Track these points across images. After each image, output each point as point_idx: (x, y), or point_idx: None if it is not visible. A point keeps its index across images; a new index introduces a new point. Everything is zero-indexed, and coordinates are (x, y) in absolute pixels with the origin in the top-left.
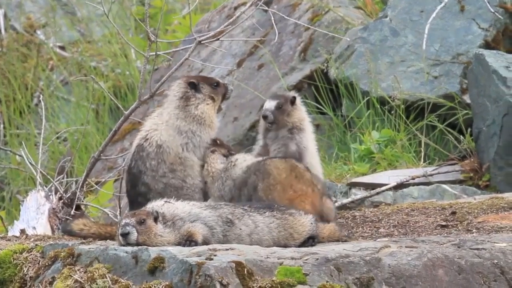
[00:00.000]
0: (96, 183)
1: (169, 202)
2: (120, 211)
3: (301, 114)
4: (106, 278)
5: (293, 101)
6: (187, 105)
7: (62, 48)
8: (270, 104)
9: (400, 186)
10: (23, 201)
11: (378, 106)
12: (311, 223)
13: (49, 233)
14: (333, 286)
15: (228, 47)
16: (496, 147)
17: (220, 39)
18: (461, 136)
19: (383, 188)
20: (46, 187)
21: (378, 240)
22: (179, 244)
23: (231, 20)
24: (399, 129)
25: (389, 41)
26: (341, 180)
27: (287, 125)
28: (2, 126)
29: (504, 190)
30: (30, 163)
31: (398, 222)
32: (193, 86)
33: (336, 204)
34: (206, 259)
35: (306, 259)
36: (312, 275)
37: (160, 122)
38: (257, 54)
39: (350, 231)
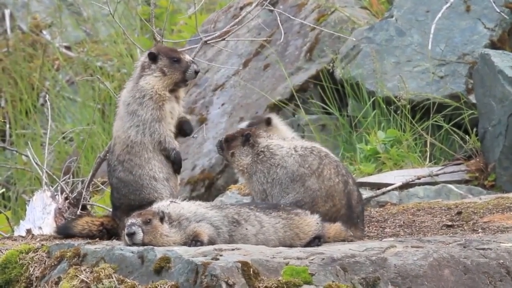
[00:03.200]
0: (102, 183)
1: (175, 202)
2: None
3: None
4: (112, 278)
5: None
6: (140, 77)
7: (68, 48)
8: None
9: (406, 186)
10: (29, 201)
11: (384, 106)
12: (317, 223)
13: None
14: (339, 286)
15: (234, 47)
16: (501, 147)
17: (226, 39)
18: (467, 136)
19: (389, 188)
20: (52, 187)
21: (384, 240)
22: (185, 244)
23: (237, 20)
24: (405, 129)
25: (395, 41)
26: None
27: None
28: (8, 126)
29: (509, 190)
30: (36, 163)
31: (404, 222)
32: (152, 56)
33: None
34: (212, 259)
35: (312, 259)
36: (318, 275)
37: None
38: (263, 54)
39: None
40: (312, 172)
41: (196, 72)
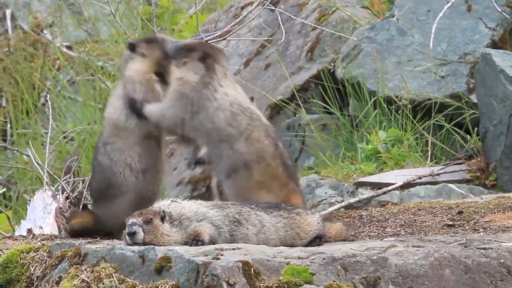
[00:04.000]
0: None
1: (176, 201)
2: None
3: None
4: (113, 277)
5: None
6: (125, 69)
7: (69, 47)
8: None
9: (407, 185)
10: (30, 200)
11: (385, 106)
12: (318, 223)
13: (56, 232)
14: (340, 286)
15: (235, 47)
16: (503, 146)
17: (227, 38)
18: (468, 136)
19: (390, 187)
20: (53, 186)
21: (385, 239)
22: (185, 243)
23: (238, 19)
24: (406, 128)
25: (396, 40)
26: (348, 180)
27: None
28: (9, 125)
29: (511, 189)
30: (37, 162)
31: (404, 222)
32: (131, 46)
33: (343, 204)
34: (213, 258)
35: (313, 259)
36: (319, 275)
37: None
38: (264, 53)
39: (356, 231)
40: (240, 134)
41: (175, 45)
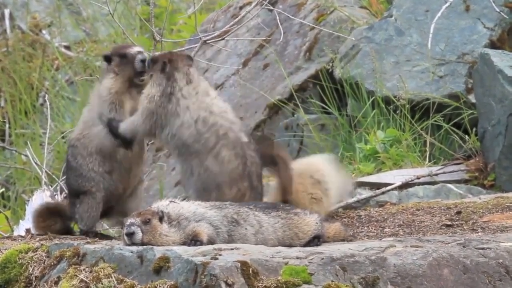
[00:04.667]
0: None
1: (174, 201)
2: None
3: None
4: (112, 277)
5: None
6: (101, 80)
7: (67, 47)
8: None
9: (405, 185)
10: (28, 200)
11: (383, 106)
12: (316, 223)
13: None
14: (339, 286)
15: (233, 47)
16: (501, 146)
17: (225, 38)
18: (466, 136)
19: (388, 187)
20: (51, 186)
21: (383, 239)
22: (184, 243)
23: (236, 19)
24: (404, 128)
25: (394, 40)
26: None
27: None
28: (7, 126)
29: (509, 189)
30: (36, 162)
31: (403, 222)
32: (107, 58)
33: (342, 204)
34: (211, 258)
35: (311, 259)
36: (317, 275)
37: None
38: (263, 53)
39: (355, 231)
40: (208, 151)
41: (143, 61)
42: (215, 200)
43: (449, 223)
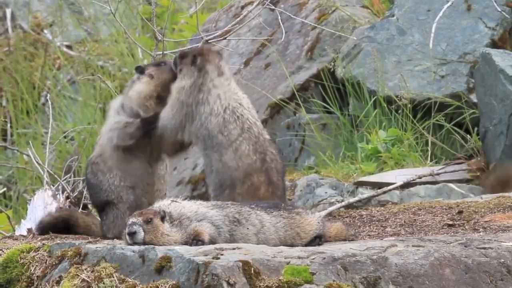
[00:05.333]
0: None
1: (176, 201)
2: None
3: None
4: (113, 277)
5: None
6: (130, 88)
7: (69, 47)
8: None
9: (407, 185)
10: (30, 200)
11: (385, 105)
12: (318, 222)
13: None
14: (340, 285)
15: (235, 46)
16: (503, 146)
17: (227, 38)
18: (468, 135)
19: (390, 187)
20: (53, 186)
21: (385, 239)
22: (186, 243)
23: (238, 19)
24: (406, 128)
25: (396, 40)
26: (348, 179)
27: None
28: (9, 125)
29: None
30: (37, 162)
31: (405, 221)
32: (140, 70)
33: (343, 203)
34: (213, 258)
35: (313, 258)
36: (319, 274)
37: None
38: (264, 53)
39: (356, 230)
40: (230, 144)
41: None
42: (228, 196)
43: (450, 222)
